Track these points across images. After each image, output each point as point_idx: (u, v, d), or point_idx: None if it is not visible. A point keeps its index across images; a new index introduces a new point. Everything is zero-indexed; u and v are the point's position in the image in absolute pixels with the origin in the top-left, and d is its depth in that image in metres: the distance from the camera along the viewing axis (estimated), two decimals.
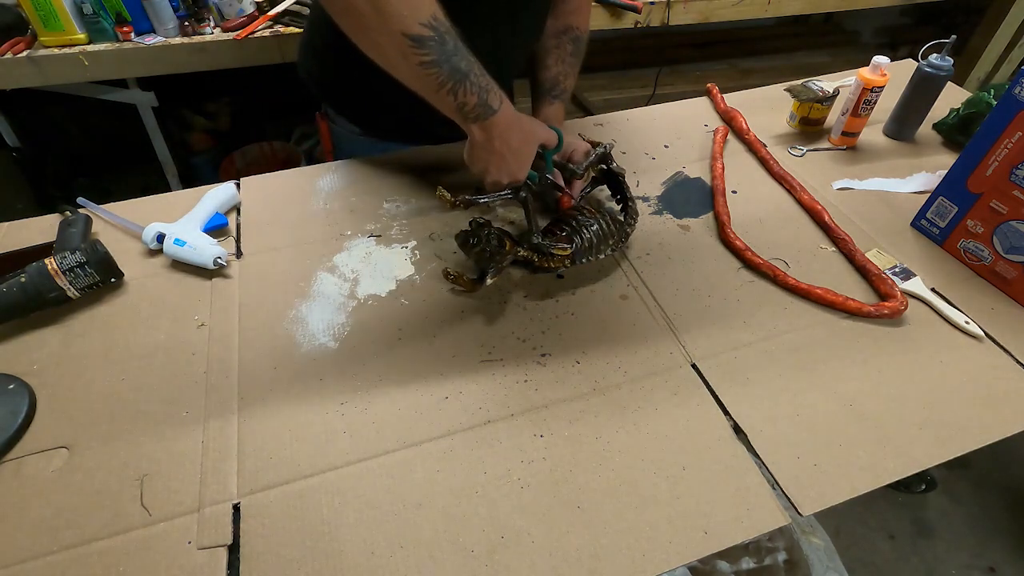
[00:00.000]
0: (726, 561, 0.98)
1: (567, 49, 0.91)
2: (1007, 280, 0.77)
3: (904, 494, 1.44)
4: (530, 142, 0.73)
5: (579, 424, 0.62)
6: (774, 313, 0.74)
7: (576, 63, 0.92)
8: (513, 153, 0.71)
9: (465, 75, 0.63)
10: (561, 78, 0.89)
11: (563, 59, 0.90)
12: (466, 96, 0.64)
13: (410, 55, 0.60)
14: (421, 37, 0.59)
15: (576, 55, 0.92)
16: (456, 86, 0.63)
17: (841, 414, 0.63)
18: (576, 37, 0.92)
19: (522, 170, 0.73)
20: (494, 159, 0.71)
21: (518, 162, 0.72)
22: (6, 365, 0.66)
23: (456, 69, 0.62)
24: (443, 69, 0.61)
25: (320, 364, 0.67)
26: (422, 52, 0.60)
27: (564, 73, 0.90)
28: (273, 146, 1.98)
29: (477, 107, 0.65)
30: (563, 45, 0.91)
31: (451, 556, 0.52)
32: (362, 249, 0.82)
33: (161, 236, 0.78)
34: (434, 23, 0.60)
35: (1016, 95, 0.70)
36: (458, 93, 0.63)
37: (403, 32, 0.58)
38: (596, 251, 0.76)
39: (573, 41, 0.91)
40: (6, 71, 1.33)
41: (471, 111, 0.66)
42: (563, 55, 0.90)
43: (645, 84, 2.14)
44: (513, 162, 0.72)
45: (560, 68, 0.90)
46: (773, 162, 0.97)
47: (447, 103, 0.65)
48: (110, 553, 0.52)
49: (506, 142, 0.69)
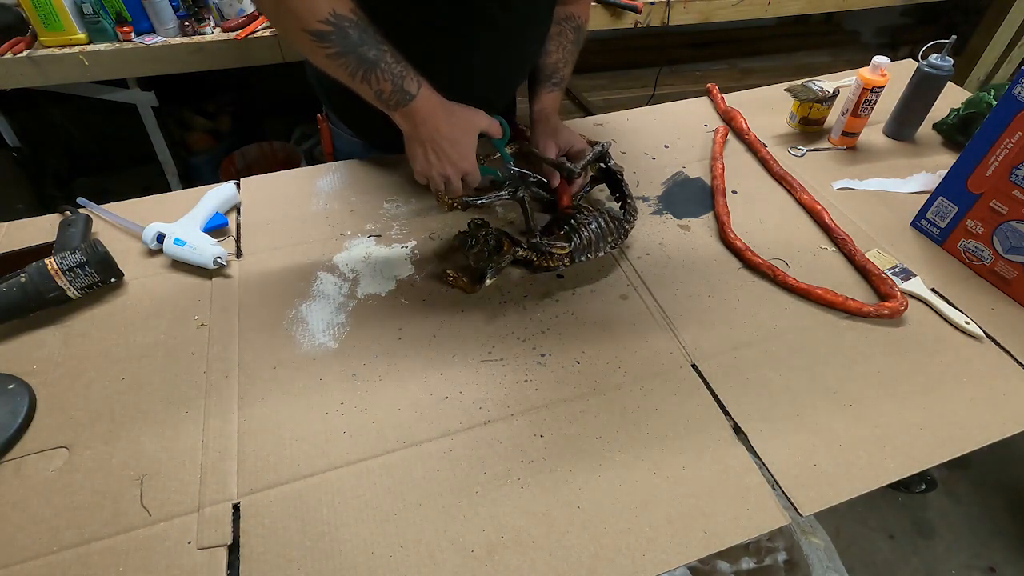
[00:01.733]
0: (726, 561, 0.98)
1: (568, 36, 0.91)
2: (1007, 280, 0.77)
3: (904, 494, 1.44)
4: (465, 130, 0.72)
5: (579, 424, 0.62)
6: (774, 313, 0.74)
7: (575, 52, 0.93)
8: (446, 140, 0.71)
9: (375, 63, 0.66)
10: (561, 65, 0.89)
11: (564, 46, 0.90)
12: (380, 83, 0.67)
13: (315, 49, 0.65)
14: (321, 32, 0.63)
15: (576, 43, 0.93)
16: (368, 74, 0.66)
17: (841, 414, 0.63)
18: (577, 26, 0.92)
19: (463, 160, 0.73)
20: (428, 150, 0.72)
21: (456, 151, 0.72)
22: (6, 365, 0.66)
23: (364, 58, 0.65)
24: (350, 59, 0.65)
25: (320, 364, 0.67)
26: (325, 45, 0.64)
27: (564, 60, 0.90)
28: (273, 146, 1.98)
29: (394, 94, 0.68)
30: (565, 32, 0.91)
31: (451, 556, 0.52)
32: (362, 249, 0.82)
33: (161, 236, 0.78)
34: (333, 19, 0.63)
35: (1016, 95, 0.70)
36: (371, 81, 0.66)
37: (303, 29, 0.63)
38: (595, 249, 0.76)
39: (575, 29, 0.92)
40: (6, 71, 1.33)
41: (389, 98, 0.68)
42: (564, 42, 0.90)
43: (645, 84, 2.14)
44: (450, 151, 0.71)
45: (560, 55, 0.90)
46: (773, 162, 0.97)
47: (365, 91, 0.68)
48: (110, 553, 0.52)
49: (434, 128, 0.70)
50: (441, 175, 0.74)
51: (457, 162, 0.73)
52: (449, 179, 0.74)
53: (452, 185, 0.75)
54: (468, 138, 0.73)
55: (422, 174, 0.75)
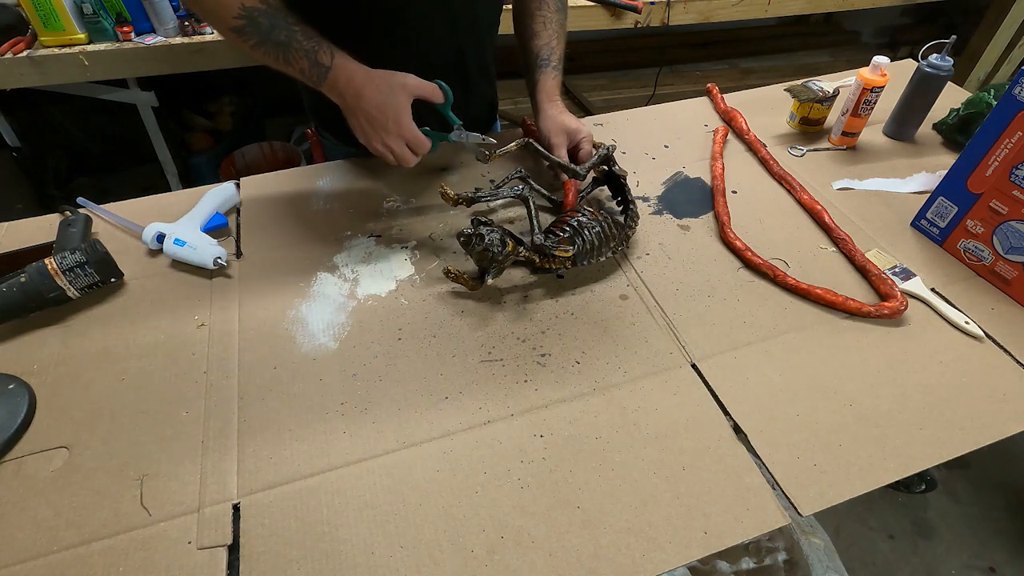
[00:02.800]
0: (726, 561, 0.98)
1: (550, 6, 0.89)
2: (1007, 280, 0.77)
3: (904, 494, 1.44)
4: (391, 92, 0.71)
5: (579, 424, 0.62)
6: (774, 313, 0.74)
7: (562, 23, 0.91)
8: (372, 106, 0.71)
9: (287, 45, 0.69)
10: (554, 43, 0.88)
11: (549, 19, 0.89)
12: (298, 62, 0.70)
13: (242, 45, 0.69)
14: (239, 28, 0.67)
15: (561, 12, 0.91)
16: (286, 56, 0.69)
17: (841, 414, 0.63)
18: None
19: (397, 125, 0.72)
20: (360, 120, 0.73)
21: (385, 114, 0.71)
22: (6, 365, 0.66)
23: (278, 43, 0.69)
24: (268, 46, 0.69)
25: (320, 364, 0.67)
26: (245, 39, 0.68)
27: (555, 36, 0.88)
28: (273, 146, 1.98)
29: (311, 69, 0.70)
30: (546, 2, 0.89)
31: (451, 556, 0.52)
32: (362, 249, 0.82)
33: (161, 236, 0.78)
34: (244, 12, 0.67)
35: (1016, 95, 0.70)
36: (291, 62, 0.70)
37: (227, 28, 0.68)
38: (598, 253, 0.76)
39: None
40: (6, 71, 1.34)
41: (310, 74, 0.71)
42: (548, 15, 0.89)
43: (645, 84, 2.14)
44: (379, 116, 0.71)
45: (548, 32, 0.88)
46: (773, 162, 0.97)
47: (292, 72, 0.71)
48: (110, 553, 0.52)
49: (357, 94, 0.71)
50: (383, 144, 0.74)
51: (390, 128, 0.72)
52: (391, 147, 0.73)
53: (398, 153, 0.74)
54: (395, 100, 0.72)
55: (368, 146, 0.75)
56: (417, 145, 0.75)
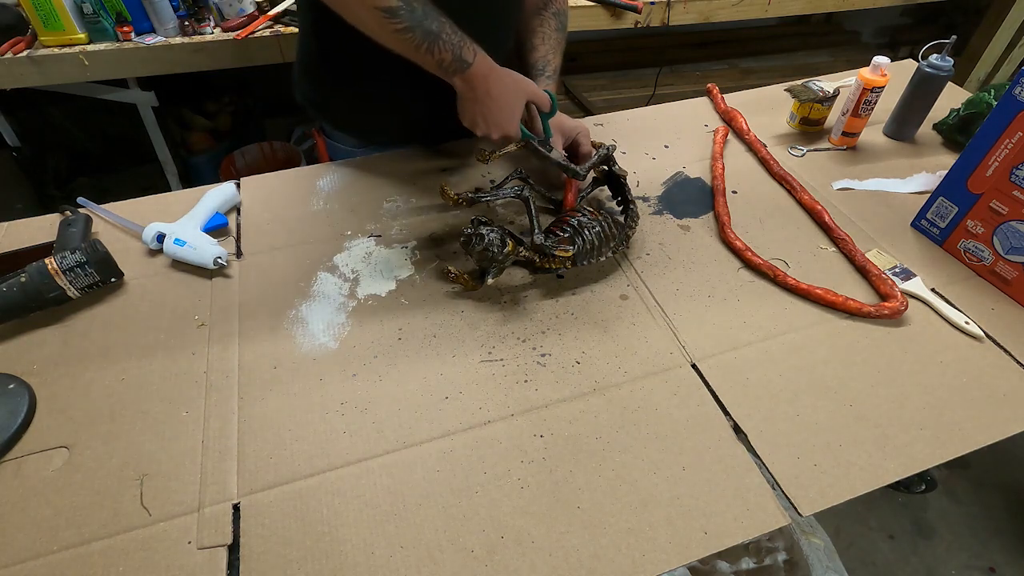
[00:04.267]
0: (726, 561, 0.98)
1: (551, 25, 0.92)
2: (1007, 280, 0.77)
3: (904, 494, 1.44)
4: (515, 93, 0.77)
5: (579, 424, 0.62)
6: (774, 313, 0.74)
7: (561, 40, 0.93)
8: (495, 102, 0.75)
9: (437, 35, 0.70)
10: (551, 57, 0.90)
11: (548, 36, 0.91)
12: (441, 53, 0.71)
13: (386, 25, 0.68)
14: (391, 8, 0.67)
15: (560, 31, 0.93)
16: (432, 46, 0.70)
17: (841, 414, 0.63)
18: (557, 11, 0.93)
19: (509, 121, 0.77)
20: (479, 108, 0.76)
21: (503, 112, 0.76)
22: (6, 365, 0.66)
23: (428, 31, 0.70)
24: (416, 33, 0.69)
25: (320, 364, 0.67)
26: (395, 21, 0.68)
27: (552, 51, 0.90)
28: (273, 146, 1.98)
29: (453, 62, 0.72)
30: (547, 21, 0.91)
31: (451, 556, 0.52)
32: (362, 249, 0.82)
33: (161, 236, 0.78)
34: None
35: (1016, 95, 0.70)
36: (434, 51, 0.71)
37: (375, 6, 0.67)
38: (598, 253, 0.76)
39: (555, 15, 0.92)
40: (6, 71, 1.33)
41: (449, 66, 0.72)
42: (548, 31, 0.91)
43: (645, 84, 2.14)
44: (497, 112, 0.76)
45: (546, 47, 0.90)
46: (773, 162, 0.97)
47: (427, 61, 0.72)
48: (110, 553, 0.52)
49: (487, 91, 0.75)
50: (484, 133, 0.78)
51: (502, 124, 0.77)
52: (492, 137, 0.78)
53: (495, 140, 0.79)
54: (516, 102, 0.77)
55: (471, 127, 0.79)
56: (512, 138, 0.79)
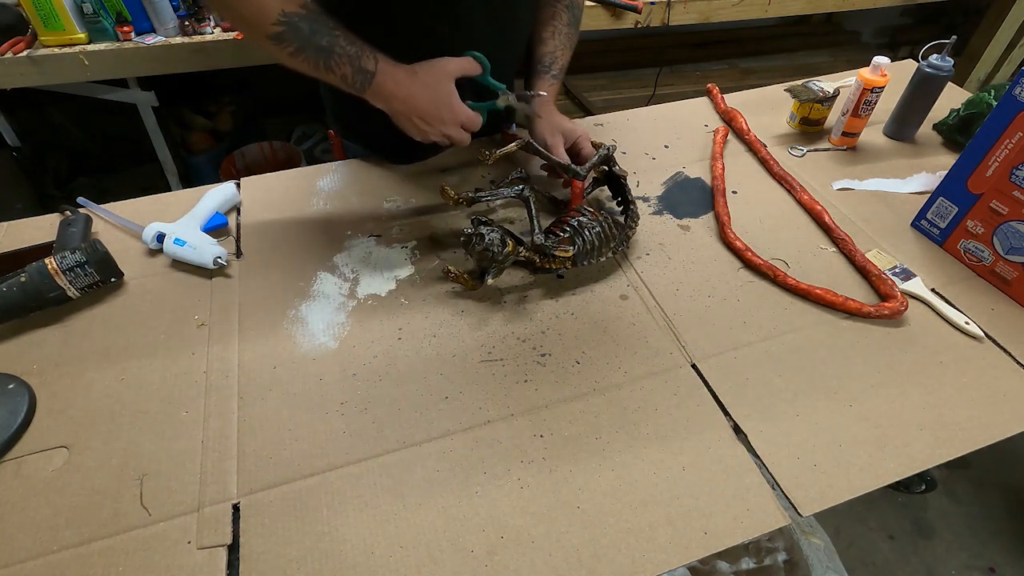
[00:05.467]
0: (726, 561, 0.98)
1: (563, 19, 0.90)
2: (1007, 281, 0.77)
3: (904, 494, 1.44)
4: (437, 83, 0.72)
5: (579, 424, 0.62)
6: (774, 313, 0.74)
7: (572, 35, 0.91)
8: (425, 102, 0.71)
9: (329, 51, 0.67)
10: (559, 53, 0.88)
11: (559, 30, 0.89)
12: (341, 68, 0.68)
13: (279, 51, 0.66)
14: (278, 34, 0.65)
15: (572, 26, 0.91)
16: (327, 62, 0.67)
17: (841, 414, 0.63)
18: (571, 4, 0.91)
19: (452, 112, 0.73)
20: (412, 119, 0.72)
21: (439, 108, 0.72)
22: (6, 365, 0.66)
23: (319, 48, 0.66)
24: (308, 53, 0.66)
25: (320, 364, 0.67)
26: (284, 46, 0.66)
27: (561, 47, 0.89)
28: (273, 146, 1.98)
29: (355, 75, 0.69)
30: (559, 14, 0.90)
31: (451, 556, 0.52)
32: (362, 249, 0.82)
33: (161, 236, 0.78)
34: (284, 18, 0.64)
35: (1016, 96, 0.70)
36: (332, 68, 0.68)
37: (264, 35, 0.65)
38: (598, 253, 0.76)
39: (568, 9, 0.90)
40: (6, 71, 1.33)
41: (353, 81, 0.69)
42: (559, 26, 0.89)
43: (645, 84, 2.14)
44: (433, 110, 0.72)
45: (557, 42, 0.89)
46: (773, 162, 0.97)
47: (333, 79, 0.69)
48: (110, 553, 0.52)
49: (406, 96, 0.71)
50: (440, 136, 0.74)
51: (446, 118, 0.73)
52: (450, 135, 0.74)
53: (456, 138, 0.75)
54: (444, 91, 0.72)
55: (425, 140, 0.75)
56: (472, 124, 0.76)
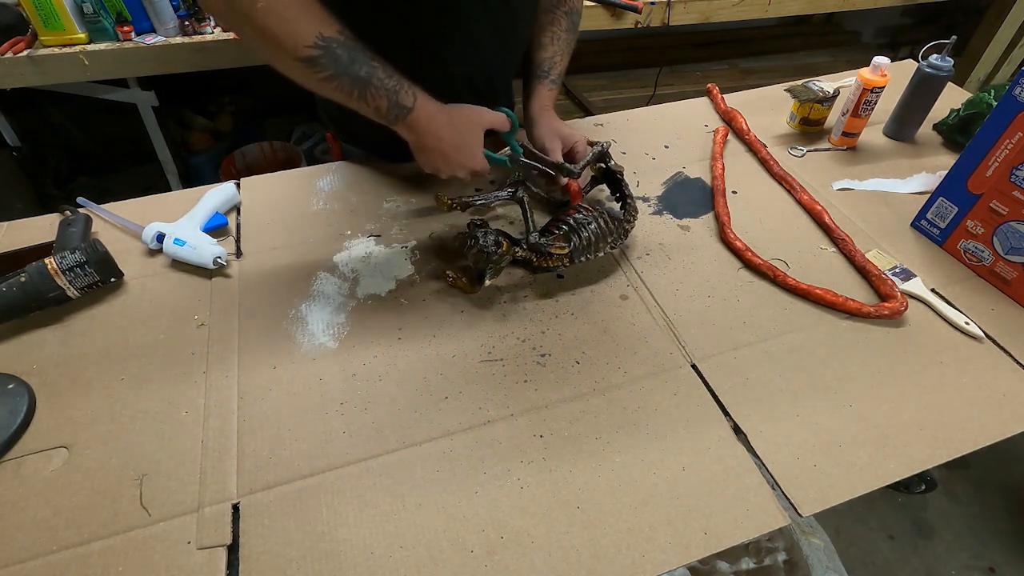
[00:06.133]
0: (726, 561, 0.98)
1: (562, 24, 0.90)
2: (1007, 281, 0.77)
3: (904, 494, 1.44)
4: (468, 131, 0.73)
5: (579, 424, 0.62)
6: (774, 314, 0.74)
7: (571, 41, 0.91)
8: (451, 146, 0.71)
9: (367, 81, 0.64)
10: (557, 59, 0.89)
11: (558, 36, 0.89)
12: (376, 100, 0.66)
13: (308, 75, 0.63)
14: (312, 58, 0.61)
15: (571, 32, 0.92)
16: (364, 92, 0.65)
17: (841, 415, 0.63)
18: (570, 10, 0.91)
19: (472, 159, 0.73)
20: (434, 156, 0.72)
21: (462, 153, 0.72)
22: (6, 365, 0.66)
23: (357, 78, 0.64)
24: (343, 81, 0.64)
25: (320, 364, 0.67)
26: (317, 70, 0.62)
27: (560, 53, 0.89)
28: (273, 146, 1.98)
29: (391, 109, 0.67)
30: (558, 20, 0.90)
31: (451, 556, 0.52)
32: (362, 249, 0.82)
33: (161, 236, 0.78)
34: (321, 42, 0.61)
35: (1016, 96, 0.70)
36: (367, 99, 0.65)
37: (295, 58, 0.61)
38: (595, 249, 0.76)
39: (567, 15, 0.91)
40: (6, 70, 1.33)
41: (387, 113, 0.67)
42: (558, 32, 0.89)
43: (645, 84, 2.14)
44: (456, 155, 0.72)
45: (556, 48, 0.89)
46: (773, 162, 0.97)
47: (364, 109, 0.67)
48: (110, 553, 0.52)
49: (436, 137, 0.70)
50: (449, 176, 0.75)
51: (466, 162, 0.73)
52: (459, 177, 0.75)
53: (463, 179, 0.76)
54: (473, 139, 0.73)
55: (435, 174, 0.75)
56: (483, 173, 0.76)
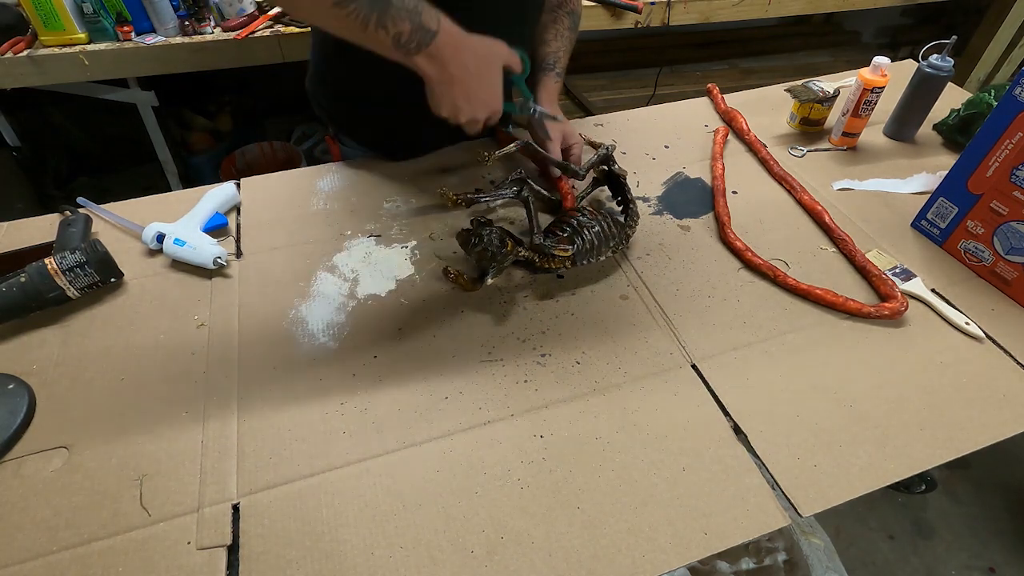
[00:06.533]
0: (726, 561, 0.98)
1: (564, 23, 0.91)
2: (1007, 281, 0.77)
3: (904, 494, 1.44)
4: (491, 63, 0.67)
5: (579, 424, 0.62)
6: (774, 314, 0.74)
7: (572, 39, 0.93)
8: (474, 78, 0.65)
9: (387, 2, 0.58)
10: (561, 54, 0.89)
11: (561, 34, 0.90)
12: (397, 25, 0.59)
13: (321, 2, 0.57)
14: None
15: (572, 30, 0.93)
16: (382, 18, 0.58)
17: (841, 415, 0.63)
18: (571, 11, 0.93)
19: (494, 97, 0.68)
20: (457, 91, 0.65)
21: (485, 88, 0.66)
22: (6, 365, 0.66)
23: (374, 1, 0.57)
24: (360, 4, 0.57)
25: (320, 364, 0.67)
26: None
27: (563, 48, 0.90)
28: (273, 146, 1.98)
29: (413, 33, 0.60)
30: (560, 19, 0.91)
31: (451, 556, 0.52)
32: (362, 249, 0.82)
33: (161, 236, 0.78)
34: None
35: (1016, 96, 0.70)
36: (387, 24, 0.58)
37: None
38: (597, 253, 0.76)
39: (569, 15, 0.92)
40: (6, 70, 1.33)
41: (409, 40, 0.60)
42: (561, 29, 0.90)
43: (645, 84, 2.14)
44: (479, 89, 0.66)
45: (559, 44, 0.90)
46: (773, 162, 0.97)
47: (382, 40, 0.60)
48: (110, 553, 0.52)
49: (462, 65, 0.63)
50: (470, 118, 0.68)
51: (488, 101, 0.67)
52: (477, 118, 0.69)
53: (477, 125, 0.70)
54: (495, 72, 0.67)
55: (453, 118, 0.69)
56: (496, 117, 0.71)
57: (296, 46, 1.45)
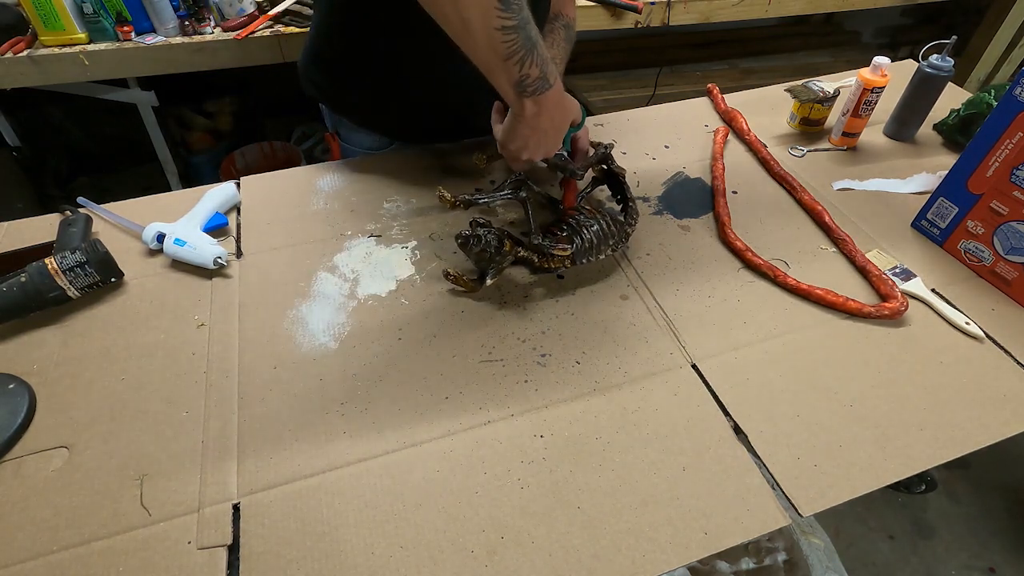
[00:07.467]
0: (726, 561, 0.98)
1: (560, 35, 0.92)
2: (1007, 281, 0.77)
3: (904, 494, 1.44)
4: (567, 119, 0.74)
5: (579, 424, 0.62)
6: (774, 314, 0.74)
7: (567, 50, 0.93)
8: (552, 130, 0.72)
9: (535, 45, 0.62)
10: (558, 60, 0.90)
11: (557, 43, 0.91)
12: (531, 68, 0.63)
13: (493, 17, 0.58)
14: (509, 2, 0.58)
15: (568, 42, 0.93)
16: (525, 56, 0.62)
17: (841, 415, 0.63)
18: (567, 24, 0.93)
19: (555, 148, 0.75)
20: (536, 136, 0.71)
21: (553, 140, 0.74)
22: (6, 365, 0.66)
23: (529, 38, 0.61)
24: (519, 36, 0.60)
25: (320, 364, 0.67)
26: (506, 15, 0.58)
27: (559, 58, 0.90)
28: (273, 146, 1.98)
29: (537, 80, 0.64)
30: (556, 31, 0.92)
31: (451, 556, 0.52)
32: (362, 249, 0.82)
33: (161, 236, 0.78)
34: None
35: (1016, 96, 0.70)
36: (524, 63, 0.62)
37: None
38: (596, 251, 0.76)
39: (564, 27, 0.93)
40: (6, 70, 1.33)
41: (531, 84, 0.64)
42: (557, 39, 0.91)
43: (645, 84, 2.14)
44: (552, 138, 0.73)
45: (555, 51, 0.90)
46: (773, 162, 0.97)
47: (510, 74, 0.63)
48: (110, 553, 0.52)
49: (551, 118, 0.70)
50: (529, 157, 0.74)
51: (551, 148, 0.75)
52: (532, 160, 0.76)
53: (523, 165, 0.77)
54: (566, 127, 0.75)
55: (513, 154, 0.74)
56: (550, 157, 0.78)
57: (296, 46, 1.45)
